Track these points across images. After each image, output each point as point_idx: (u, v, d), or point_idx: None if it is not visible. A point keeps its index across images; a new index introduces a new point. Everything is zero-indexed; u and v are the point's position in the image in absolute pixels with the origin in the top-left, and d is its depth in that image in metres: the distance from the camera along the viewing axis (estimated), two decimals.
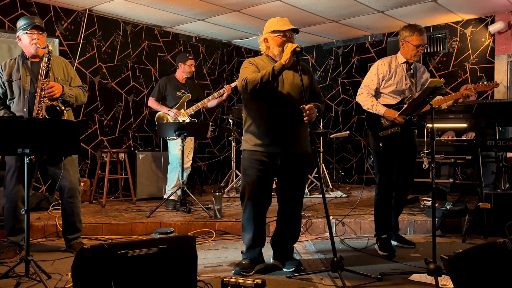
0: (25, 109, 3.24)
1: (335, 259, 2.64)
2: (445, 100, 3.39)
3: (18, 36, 3.33)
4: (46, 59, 3.21)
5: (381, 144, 3.38)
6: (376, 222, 3.50)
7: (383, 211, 3.47)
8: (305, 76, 2.97)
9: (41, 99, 3.18)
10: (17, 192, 3.26)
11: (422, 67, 3.60)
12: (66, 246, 3.46)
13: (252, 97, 2.89)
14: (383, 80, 3.43)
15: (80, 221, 3.49)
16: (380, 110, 3.36)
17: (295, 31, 2.91)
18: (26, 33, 3.26)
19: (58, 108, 3.23)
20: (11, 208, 3.28)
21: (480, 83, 3.40)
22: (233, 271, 2.92)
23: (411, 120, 3.33)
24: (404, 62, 3.44)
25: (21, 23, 3.30)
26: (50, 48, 3.23)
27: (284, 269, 2.98)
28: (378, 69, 3.45)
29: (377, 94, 3.48)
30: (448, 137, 5.23)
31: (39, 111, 3.17)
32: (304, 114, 2.74)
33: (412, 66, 3.48)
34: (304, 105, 2.74)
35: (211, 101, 5.14)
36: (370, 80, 3.47)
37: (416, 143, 3.56)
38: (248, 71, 2.88)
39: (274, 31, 2.90)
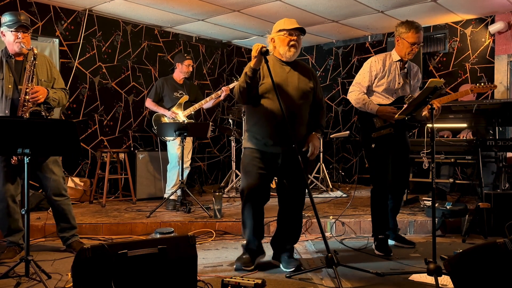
0: (6, 111, 3.15)
1: (329, 254, 2.64)
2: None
3: (1, 31, 3.22)
4: (31, 63, 3.12)
5: (373, 145, 3.33)
6: (373, 222, 3.50)
7: (379, 211, 3.46)
8: (308, 80, 2.99)
9: (25, 103, 3.10)
10: (6, 192, 3.22)
11: (416, 67, 3.52)
12: (65, 246, 3.45)
13: (244, 103, 2.95)
14: (375, 78, 3.35)
15: (74, 218, 3.45)
16: (373, 108, 3.28)
17: (301, 30, 2.92)
18: (11, 31, 3.16)
19: (43, 113, 3.16)
20: (3, 209, 3.25)
21: (478, 84, 3.36)
22: (234, 266, 2.98)
23: (405, 122, 3.27)
24: (399, 60, 3.36)
25: (6, 18, 3.19)
26: (36, 51, 3.13)
27: (284, 269, 2.99)
28: (371, 66, 3.36)
29: (369, 92, 3.39)
30: (445, 136, 5.22)
31: (22, 115, 3.08)
32: (308, 155, 2.95)
33: (406, 65, 3.40)
34: (307, 147, 2.95)
35: (208, 102, 5.14)
36: (362, 78, 3.38)
37: (409, 143, 3.51)
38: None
39: (280, 30, 2.92)
